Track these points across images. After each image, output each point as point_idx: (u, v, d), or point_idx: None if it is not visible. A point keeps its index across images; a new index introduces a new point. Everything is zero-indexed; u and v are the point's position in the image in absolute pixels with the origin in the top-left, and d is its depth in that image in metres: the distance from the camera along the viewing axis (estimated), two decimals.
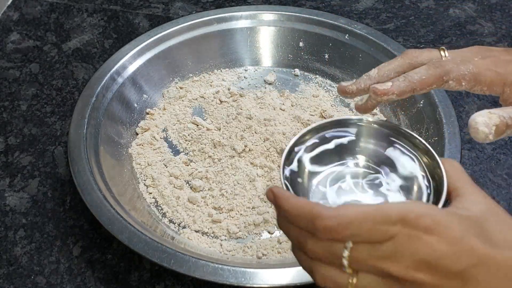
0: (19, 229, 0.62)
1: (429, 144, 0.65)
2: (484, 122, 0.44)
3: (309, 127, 0.48)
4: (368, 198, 0.47)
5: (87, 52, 0.83)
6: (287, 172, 0.46)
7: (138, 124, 0.72)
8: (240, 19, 0.79)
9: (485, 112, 0.45)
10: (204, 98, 0.76)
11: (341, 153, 0.49)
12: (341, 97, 0.76)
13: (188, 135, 0.71)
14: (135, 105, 0.73)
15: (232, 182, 0.65)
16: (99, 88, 0.69)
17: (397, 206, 0.37)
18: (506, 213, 0.41)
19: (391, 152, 0.48)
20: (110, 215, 0.57)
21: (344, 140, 0.49)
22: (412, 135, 0.47)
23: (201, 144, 0.70)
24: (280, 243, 0.60)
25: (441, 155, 0.62)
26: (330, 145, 0.49)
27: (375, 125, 0.49)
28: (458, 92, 0.77)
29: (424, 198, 0.45)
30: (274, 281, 0.52)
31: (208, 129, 0.72)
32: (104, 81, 0.70)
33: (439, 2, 0.91)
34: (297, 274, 0.52)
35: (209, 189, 0.65)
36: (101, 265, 0.59)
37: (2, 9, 0.89)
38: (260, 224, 0.62)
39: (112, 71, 0.72)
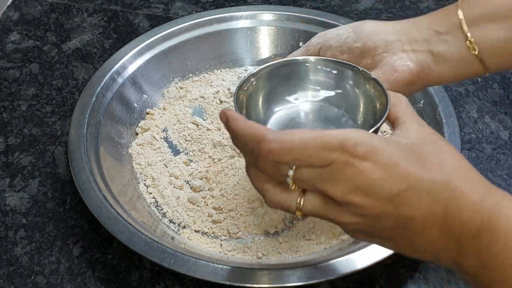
0: (19, 229, 0.62)
1: None
2: None
3: (264, 65, 0.52)
4: (315, 124, 0.52)
5: (87, 52, 0.83)
6: (243, 98, 0.50)
7: (138, 124, 0.72)
8: (240, 19, 0.79)
9: None
10: (204, 98, 0.76)
11: (294, 85, 0.53)
12: None
13: (188, 135, 0.71)
14: (135, 105, 0.73)
15: (232, 182, 0.65)
16: (99, 88, 0.69)
17: (338, 133, 0.40)
18: (445, 141, 0.43)
19: (340, 82, 0.52)
20: (110, 215, 0.57)
21: (296, 75, 0.53)
22: (362, 69, 0.51)
23: (201, 144, 0.70)
24: (280, 243, 0.60)
25: None
26: (284, 79, 0.53)
27: (322, 62, 0.53)
28: (458, 92, 0.77)
29: (367, 125, 0.49)
30: (274, 281, 0.52)
31: (208, 129, 0.72)
32: (104, 81, 0.70)
33: (439, 2, 0.91)
34: (298, 274, 0.52)
35: (209, 189, 0.65)
36: (101, 265, 0.59)
37: (2, 9, 0.89)
38: (260, 224, 0.62)
39: (112, 71, 0.72)
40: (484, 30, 0.50)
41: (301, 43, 0.79)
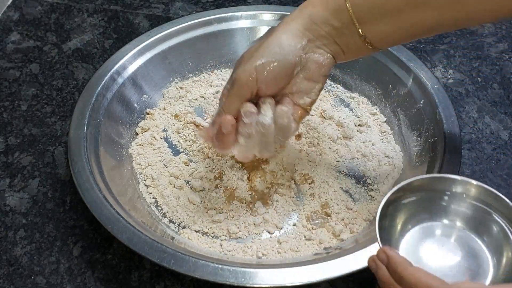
0: (19, 229, 0.62)
1: (428, 144, 0.66)
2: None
3: (406, 182, 0.50)
4: (459, 261, 0.49)
5: (87, 52, 0.83)
6: (380, 222, 0.48)
7: (138, 124, 0.72)
8: (240, 19, 0.79)
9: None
10: (204, 98, 0.76)
11: (434, 211, 0.52)
12: (340, 98, 0.76)
13: (188, 135, 0.71)
14: (135, 105, 0.73)
15: (232, 182, 0.65)
16: (99, 88, 0.69)
17: None
18: None
19: (484, 219, 0.50)
20: (110, 215, 0.57)
21: (439, 200, 0.52)
22: (508, 204, 0.48)
23: (201, 144, 0.70)
24: (280, 243, 0.60)
25: (442, 155, 0.62)
26: (424, 202, 0.51)
27: (471, 188, 0.51)
28: (458, 92, 0.77)
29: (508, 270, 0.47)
30: (274, 281, 0.52)
31: None
32: (104, 81, 0.70)
33: None
34: (297, 274, 0.52)
35: (209, 189, 0.65)
36: (101, 265, 0.59)
37: (2, 9, 0.89)
38: (260, 224, 0.62)
39: (112, 71, 0.72)
40: (374, 27, 0.54)
41: None
